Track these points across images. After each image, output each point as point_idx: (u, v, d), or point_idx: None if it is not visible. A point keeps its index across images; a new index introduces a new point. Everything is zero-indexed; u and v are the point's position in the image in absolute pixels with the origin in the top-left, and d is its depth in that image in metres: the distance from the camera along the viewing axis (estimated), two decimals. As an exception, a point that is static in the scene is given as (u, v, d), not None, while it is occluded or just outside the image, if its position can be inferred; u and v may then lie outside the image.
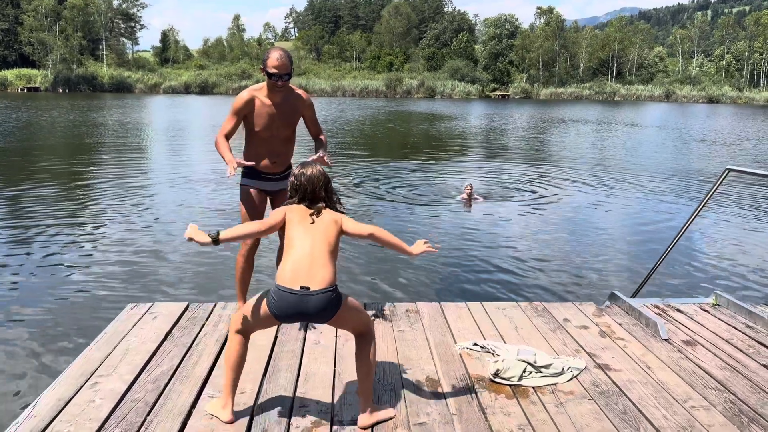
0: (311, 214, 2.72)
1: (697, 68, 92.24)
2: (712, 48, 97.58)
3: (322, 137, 3.93)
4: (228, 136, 3.71)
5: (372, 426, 2.76)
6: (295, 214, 2.74)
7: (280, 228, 2.75)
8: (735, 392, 3.17)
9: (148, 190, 11.25)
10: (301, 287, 2.54)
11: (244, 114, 3.71)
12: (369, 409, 2.78)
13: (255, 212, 3.86)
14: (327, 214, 2.75)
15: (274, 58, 3.56)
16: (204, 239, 2.66)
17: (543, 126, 31.79)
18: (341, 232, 2.75)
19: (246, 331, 2.76)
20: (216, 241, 2.65)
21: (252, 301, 2.74)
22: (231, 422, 2.75)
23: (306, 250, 2.62)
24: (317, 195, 2.76)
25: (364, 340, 2.79)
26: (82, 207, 9.72)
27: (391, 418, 2.83)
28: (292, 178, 2.80)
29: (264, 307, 2.65)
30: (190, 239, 2.66)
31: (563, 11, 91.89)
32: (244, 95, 3.70)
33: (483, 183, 12.37)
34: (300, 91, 3.82)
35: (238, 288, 3.98)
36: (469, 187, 10.45)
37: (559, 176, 13.96)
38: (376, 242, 2.82)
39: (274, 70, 3.56)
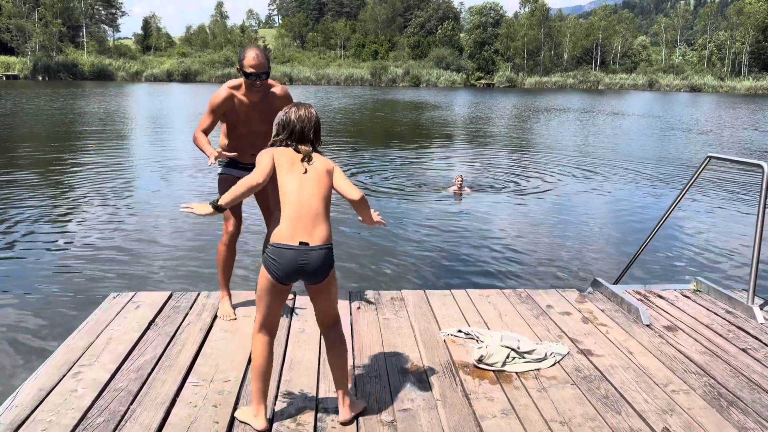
0: (303, 160, 2.59)
1: (680, 57, 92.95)
2: (694, 37, 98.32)
3: None
4: (206, 132, 3.68)
5: (354, 419, 2.72)
6: (283, 158, 2.58)
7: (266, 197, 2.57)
8: (714, 376, 3.22)
9: (130, 179, 11.14)
10: (300, 243, 2.49)
11: (222, 111, 3.67)
12: (348, 404, 2.71)
13: (239, 209, 3.85)
14: (319, 161, 2.62)
15: (250, 58, 3.49)
16: (205, 210, 2.54)
17: (527, 115, 31.89)
18: (332, 179, 2.63)
19: (268, 321, 2.62)
20: (217, 208, 2.52)
21: (258, 286, 2.61)
22: (265, 430, 2.63)
23: (303, 204, 2.52)
24: (305, 136, 2.61)
25: (338, 329, 2.72)
26: (64, 195, 9.60)
27: (364, 409, 2.79)
28: (281, 114, 2.65)
29: (266, 277, 2.54)
30: (190, 211, 2.55)
31: (548, 0, 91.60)
32: (222, 93, 3.64)
33: (470, 173, 12.36)
34: (277, 87, 3.77)
35: (220, 277, 3.94)
36: (459, 179, 10.35)
37: (543, 165, 14.03)
38: (354, 207, 2.72)
39: (251, 70, 3.51)
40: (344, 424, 2.68)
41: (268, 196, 3.73)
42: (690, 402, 2.95)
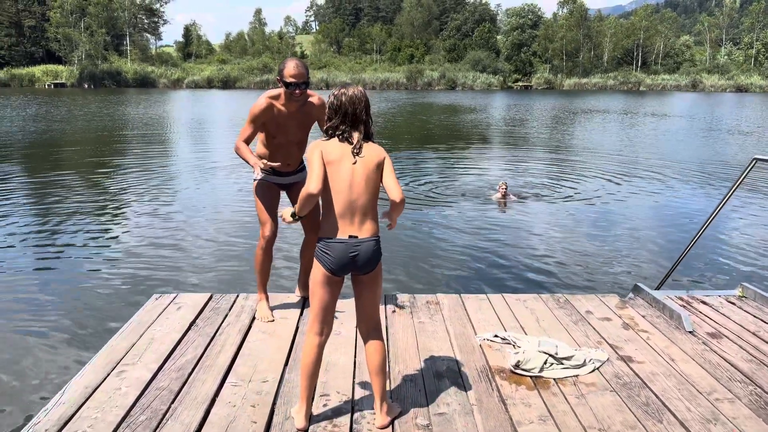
0: (353, 152, 2.61)
1: (725, 57, 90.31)
2: (740, 36, 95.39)
3: None
4: (247, 142, 3.74)
5: (390, 423, 2.73)
6: (333, 154, 2.60)
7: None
8: (761, 385, 3.13)
9: (173, 182, 11.39)
10: (350, 236, 2.59)
11: (262, 121, 3.72)
12: (386, 409, 2.74)
13: (270, 204, 3.89)
14: (370, 152, 2.63)
15: (291, 68, 3.56)
16: (289, 219, 2.72)
17: (567, 117, 31.44)
18: (382, 167, 2.65)
19: (323, 316, 2.68)
20: (293, 216, 2.71)
21: (311, 280, 2.68)
22: (304, 429, 2.68)
23: (352, 202, 2.58)
24: (358, 117, 2.62)
25: (378, 332, 2.76)
26: (109, 198, 9.88)
27: (400, 412, 2.82)
28: (331, 98, 2.66)
29: (320, 270, 2.63)
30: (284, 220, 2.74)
31: (586, 0, 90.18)
32: (262, 103, 3.68)
33: (511, 177, 12.10)
34: (314, 97, 3.80)
35: (258, 280, 4.01)
36: (503, 186, 9.84)
37: (583, 168, 13.82)
38: (390, 203, 2.69)
39: (291, 80, 3.56)
40: (381, 428, 2.69)
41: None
42: (735, 411, 2.87)
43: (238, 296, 4.27)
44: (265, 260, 3.97)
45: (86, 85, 70.35)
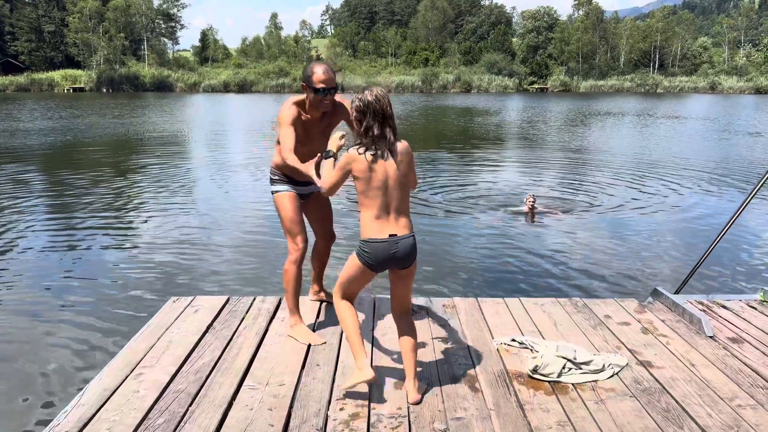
0: (386, 152, 2.76)
1: (744, 58, 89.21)
2: (759, 37, 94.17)
3: None
4: (294, 149, 3.41)
5: (422, 399, 2.93)
6: (362, 163, 2.74)
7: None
8: (784, 391, 3.07)
9: (190, 185, 11.48)
10: (390, 235, 2.79)
11: (292, 123, 3.50)
12: (416, 386, 2.94)
13: (298, 216, 3.68)
14: (400, 149, 2.82)
15: (320, 73, 3.38)
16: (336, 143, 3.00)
17: (584, 120, 31.23)
18: (412, 163, 2.88)
19: (349, 295, 2.98)
20: (328, 154, 2.96)
21: (346, 268, 2.93)
22: (373, 378, 2.87)
23: (388, 199, 2.79)
24: (387, 113, 2.77)
25: (409, 318, 3.01)
26: (127, 201, 9.97)
27: (427, 389, 3.03)
28: (356, 102, 2.79)
29: (358, 265, 2.86)
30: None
31: (602, 2, 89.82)
32: (292, 108, 3.49)
33: (536, 185, 11.78)
34: (337, 102, 3.61)
35: (292, 300, 3.70)
36: (531, 198, 9.20)
37: (600, 171, 13.71)
38: None
39: (321, 85, 3.39)
40: (414, 403, 2.89)
41: (315, 210, 3.81)
42: (758, 418, 2.82)
43: (255, 299, 4.28)
44: (298, 276, 3.68)
45: (105, 90, 71.22)
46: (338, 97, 3.63)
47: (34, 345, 4.71)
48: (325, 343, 3.58)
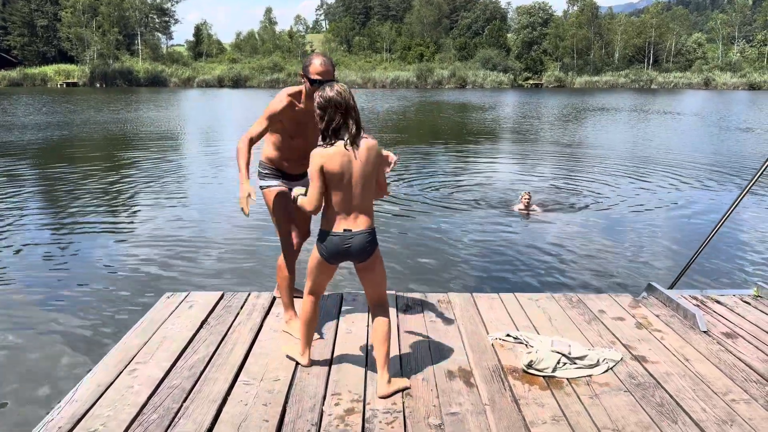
0: (350, 145, 2.78)
1: (738, 54, 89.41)
2: (753, 33, 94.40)
3: None
4: (255, 140, 3.47)
5: (391, 394, 2.90)
6: (333, 160, 2.76)
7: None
8: (778, 386, 3.09)
9: (185, 181, 11.44)
10: (344, 230, 2.83)
11: (280, 119, 3.49)
12: (387, 379, 2.93)
13: (286, 213, 3.66)
14: (365, 145, 2.82)
15: (317, 65, 3.35)
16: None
17: (579, 115, 31.27)
18: (379, 162, 2.89)
19: (315, 289, 3.06)
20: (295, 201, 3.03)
21: (309, 260, 3.02)
22: (309, 365, 3.18)
23: (349, 197, 2.82)
24: (349, 106, 2.79)
25: (383, 309, 3.01)
26: (120, 197, 9.93)
27: (407, 388, 2.99)
28: (318, 99, 2.80)
29: (316, 256, 2.95)
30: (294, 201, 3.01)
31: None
32: (284, 100, 3.46)
33: (530, 181, 11.82)
34: None
35: (286, 298, 3.75)
36: (526, 196, 9.01)
37: (595, 167, 13.74)
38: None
39: (317, 77, 3.33)
40: (381, 397, 2.87)
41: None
42: (751, 412, 2.83)
43: (249, 294, 4.27)
44: (291, 272, 3.72)
45: (98, 84, 70.81)
46: None
47: (27, 341, 4.68)
48: (320, 338, 3.57)
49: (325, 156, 2.76)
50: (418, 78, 78.02)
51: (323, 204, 2.86)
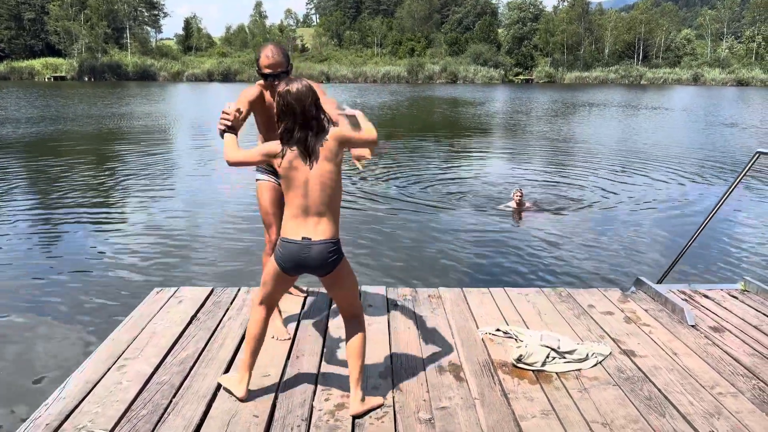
0: (307, 157, 2.58)
1: (726, 50, 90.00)
2: (742, 29, 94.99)
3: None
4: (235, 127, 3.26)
5: (365, 413, 2.73)
6: (286, 163, 2.59)
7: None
8: (764, 379, 3.12)
9: (174, 176, 11.37)
10: (303, 237, 2.61)
11: (249, 110, 3.30)
12: (360, 397, 2.75)
13: (275, 207, 3.59)
14: (324, 147, 2.60)
15: (264, 57, 3.20)
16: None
17: (568, 111, 31.37)
18: (340, 150, 2.64)
19: (268, 300, 2.80)
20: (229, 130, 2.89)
21: (265, 273, 2.79)
22: (244, 399, 2.79)
23: (306, 200, 2.60)
24: (308, 115, 2.55)
25: (356, 323, 2.79)
26: (110, 192, 9.86)
27: (380, 406, 2.80)
28: (278, 98, 2.58)
29: (273, 265, 2.70)
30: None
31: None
32: (254, 89, 3.33)
33: (522, 177, 11.87)
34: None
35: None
36: (518, 193, 8.84)
37: (584, 162, 13.80)
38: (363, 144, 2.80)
39: (267, 71, 3.20)
40: (354, 416, 2.71)
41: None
42: (738, 405, 2.86)
43: (239, 290, 4.26)
44: None
45: (86, 78, 70.19)
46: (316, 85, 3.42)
47: (14, 337, 4.65)
48: (289, 339, 3.51)
49: (275, 150, 2.62)
50: (409, 73, 77.98)
51: (285, 209, 2.66)
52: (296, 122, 2.57)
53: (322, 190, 2.60)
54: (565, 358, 3.26)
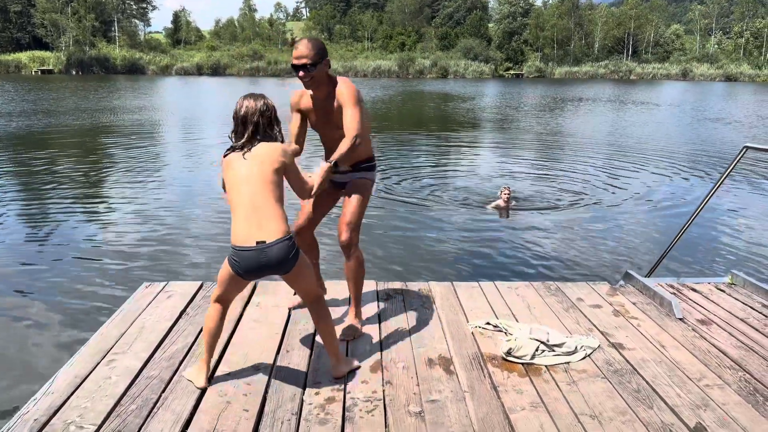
0: (243, 151, 2.72)
1: (715, 46, 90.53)
2: (730, 25, 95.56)
3: (345, 140, 3.17)
4: (297, 138, 3.38)
5: (345, 375, 2.98)
6: (230, 165, 2.74)
7: None
8: (750, 371, 3.15)
9: (164, 171, 11.30)
10: (257, 242, 2.62)
11: (298, 110, 3.42)
12: (340, 362, 2.99)
13: (320, 204, 3.58)
14: (264, 149, 2.71)
15: (295, 48, 3.20)
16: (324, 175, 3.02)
17: (559, 106, 31.46)
18: (282, 165, 2.72)
19: (224, 298, 2.89)
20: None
21: (219, 276, 2.85)
22: (204, 389, 2.85)
23: (249, 201, 2.66)
24: (248, 119, 2.71)
25: (318, 304, 2.92)
26: (99, 186, 9.79)
27: (359, 367, 3.07)
28: (236, 106, 2.78)
29: (228, 270, 2.75)
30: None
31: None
32: (293, 98, 3.41)
33: (509, 173, 11.94)
34: (340, 83, 3.29)
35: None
36: (506, 191, 8.67)
37: (573, 157, 13.85)
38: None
39: (294, 61, 3.18)
40: (337, 378, 2.95)
41: (329, 203, 3.66)
42: (725, 397, 2.89)
43: (229, 284, 4.24)
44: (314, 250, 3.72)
45: (74, 72, 69.52)
46: (341, 81, 3.32)
47: (1, 333, 4.61)
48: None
49: (224, 163, 2.77)
50: (400, 67, 77.80)
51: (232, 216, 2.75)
52: (238, 125, 2.75)
53: (264, 186, 2.67)
54: (554, 351, 3.28)
